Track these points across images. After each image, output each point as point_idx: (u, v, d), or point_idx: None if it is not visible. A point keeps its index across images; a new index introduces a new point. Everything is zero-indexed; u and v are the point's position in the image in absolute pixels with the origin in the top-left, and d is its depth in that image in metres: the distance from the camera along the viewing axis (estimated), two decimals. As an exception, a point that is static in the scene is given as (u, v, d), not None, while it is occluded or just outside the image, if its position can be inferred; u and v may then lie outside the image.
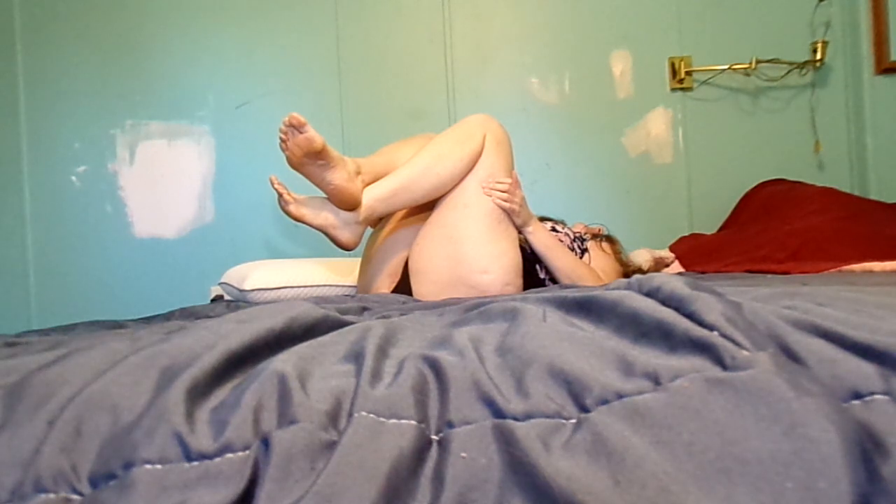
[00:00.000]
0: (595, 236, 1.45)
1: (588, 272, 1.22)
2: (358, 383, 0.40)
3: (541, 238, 1.19)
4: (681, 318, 0.42)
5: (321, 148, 1.02)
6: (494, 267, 1.10)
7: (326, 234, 1.12)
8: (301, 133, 1.01)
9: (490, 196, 1.11)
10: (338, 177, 1.06)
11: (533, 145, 1.96)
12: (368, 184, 1.13)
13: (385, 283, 1.24)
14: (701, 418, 0.34)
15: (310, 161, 1.04)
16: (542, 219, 1.38)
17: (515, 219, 1.15)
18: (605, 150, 1.99)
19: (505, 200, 1.12)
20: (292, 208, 1.08)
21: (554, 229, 1.33)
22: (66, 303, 1.87)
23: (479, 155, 1.12)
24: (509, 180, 1.12)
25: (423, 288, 1.13)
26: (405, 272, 1.19)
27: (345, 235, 1.11)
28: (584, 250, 1.35)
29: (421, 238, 1.15)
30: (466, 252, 1.10)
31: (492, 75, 1.99)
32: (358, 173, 1.12)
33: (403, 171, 1.12)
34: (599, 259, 1.36)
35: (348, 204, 1.09)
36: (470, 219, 1.11)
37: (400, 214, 1.26)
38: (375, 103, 1.97)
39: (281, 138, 1.03)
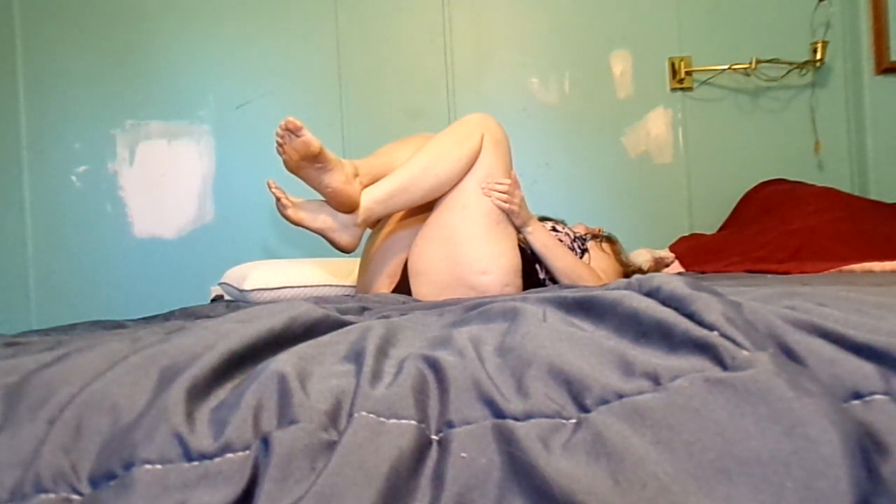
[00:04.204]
0: (595, 236, 1.45)
1: (588, 272, 1.22)
2: (358, 383, 0.40)
3: (540, 238, 1.19)
4: (681, 318, 0.42)
5: (318, 151, 1.02)
6: (493, 268, 1.10)
7: (325, 237, 1.12)
8: (298, 137, 1.00)
9: (489, 197, 1.11)
10: (335, 179, 1.06)
11: (533, 145, 1.96)
12: (367, 185, 1.13)
13: (384, 284, 1.24)
14: (701, 418, 0.34)
15: (307, 164, 1.04)
16: (542, 219, 1.38)
17: (515, 219, 1.15)
18: (605, 150, 1.99)
19: (504, 201, 1.11)
20: (290, 212, 1.08)
21: (554, 229, 1.33)
22: (66, 303, 1.86)
23: (478, 155, 1.12)
24: (508, 181, 1.12)
25: (423, 289, 1.13)
26: (405, 273, 1.19)
27: (343, 238, 1.11)
28: (584, 250, 1.34)
29: (420, 239, 1.15)
30: (465, 253, 1.10)
31: (492, 75, 1.99)
32: (356, 175, 1.11)
33: (401, 172, 1.12)
34: (599, 259, 1.36)
35: (347, 206, 1.09)
36: (469, 220, 1.11)
37: (399, 215, 1.26)
38: (375, 103, 1.97)
39: (277, 142, 1.03)
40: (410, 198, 1.12)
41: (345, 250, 1.13)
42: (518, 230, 1.18)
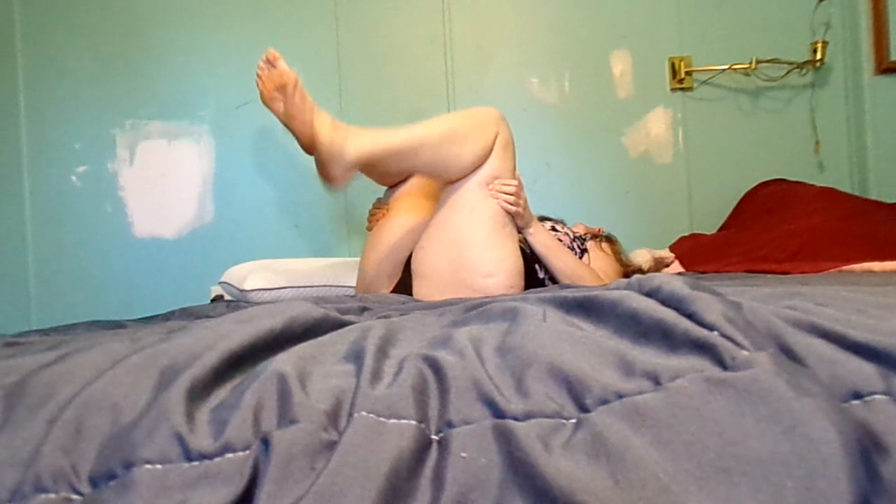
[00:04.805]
0: (595, 236, 1.45)
1: (588, 273, 1.22)
2: (358, 383, 0.40)
3: (541, 239, 1.19)
4: (681, 318, 0.42)
5: (293, 83, 1.04)
6: (498, 271, 1.10)
7: (319, 166, 1.08)
8: (274, 67, 1.04)
9: (496, 198, 1.11)
10: (303, 110, 1.06)
11: (533, 145, 1.96)
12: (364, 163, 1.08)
13: (384, 284, 1.24)
14: (701, 418, 0.34)
15: (279, 96, 1.06)
16: (542, 218, 1.38)
17: (518, 220, 1.14)
18: (605, 150, 1.99)
19: (511, 203, 1.11)
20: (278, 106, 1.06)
21: (554, 229, 1.33)
22: (66, 303, 1.86)
23: (489, 153, 1.10)
24: (515, 182, 1.12)
25: (424, 290, 1.13)
26: (405, 272, 1.19)
27: (336, 171, 1.07)
28: (583, 250, 1.35)
29: (425, 241, 1.14)
30: (470, 257, 1.09)
31: (492, 75, 1.99)
32: (332, 125, 1.08)
33: (419, 130, 1.08)
34: (599, 259, 1.36)
35: (308, 144, 1.06)
36: (475, 223, 1.10)
37: (398, 215, 1.26)
38: (375, 103, 1.96)
39: (257, 73, 1.07)
40: (413, 162, 1.09)
41: (332, 184, 1.09)
42: (519, 231, 1.18)
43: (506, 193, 1.10)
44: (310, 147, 1.07)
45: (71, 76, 1.89)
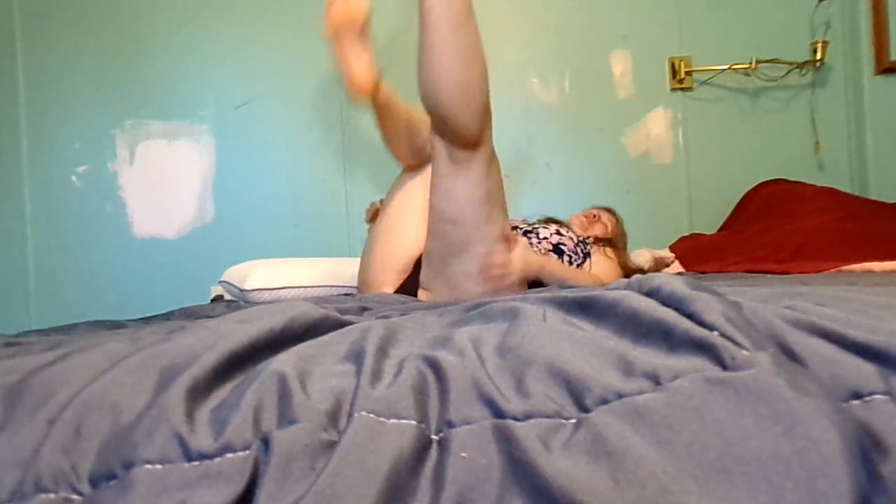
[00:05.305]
0: (598, 241, 1.45)
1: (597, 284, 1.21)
2: (358, 383, 0.40)
3: (557, 275, 1.15)
4: (681, 318, 0.42)
5: (363, 20, 1.08)
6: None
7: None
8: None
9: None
10: (361, 58, 1.11)
11: (533, 145, 1.96)
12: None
13: (390, 280, 1.23)
14: (701, 418, 0.34)
15: (345, 32, 1.08)
16: (547, 220, 1.38)
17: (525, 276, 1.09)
18: (605, 150, 1.99)
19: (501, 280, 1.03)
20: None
21: (559, 232, 1.33)
22: (66, 303, 1.86)
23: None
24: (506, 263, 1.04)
25: (429, 298, 1.13)
26: (414, 272, 1.19)
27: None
28: (586, 254, 1.35)
29: (426, 267, 1.13)
30: (470, 292, 1.08)
31: (492, 75, 1.98)
32: (378, 83, 1.16)
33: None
34: (602, 264, 1.36)
35: (356, 89, 1.14)
36: (467, 269, 1.05)
37: (398, 213, 1.26)
38: (376, 103, 1.96)
39: (327, 4, 1.08)
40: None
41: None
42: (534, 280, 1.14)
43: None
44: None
45: (71, 76, 1.89)
